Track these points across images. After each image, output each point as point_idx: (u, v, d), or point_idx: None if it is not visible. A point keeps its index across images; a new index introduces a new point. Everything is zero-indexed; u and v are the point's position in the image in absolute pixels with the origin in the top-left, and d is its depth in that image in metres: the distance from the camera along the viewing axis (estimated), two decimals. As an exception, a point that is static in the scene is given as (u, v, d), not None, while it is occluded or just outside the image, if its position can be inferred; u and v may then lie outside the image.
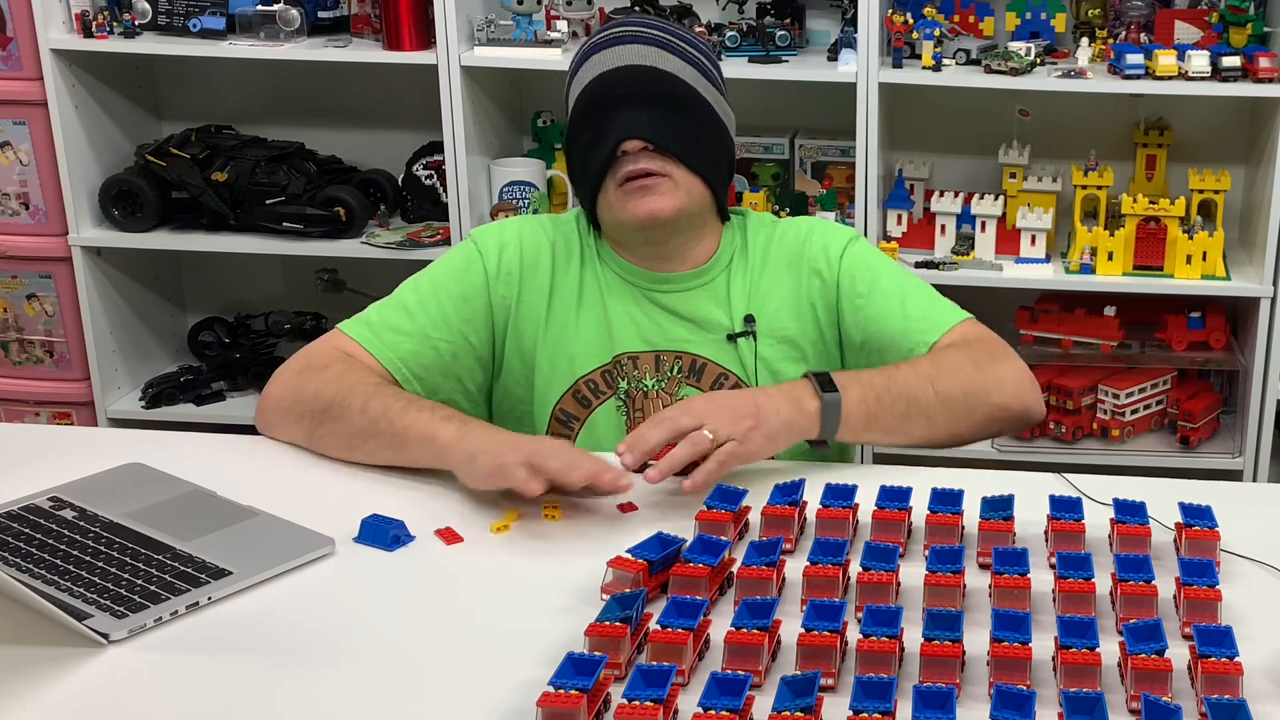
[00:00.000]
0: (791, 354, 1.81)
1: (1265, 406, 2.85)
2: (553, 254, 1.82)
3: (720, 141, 1.79)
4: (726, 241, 1.84)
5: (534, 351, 1.80)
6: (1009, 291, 2.94)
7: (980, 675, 1.22)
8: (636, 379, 1.80)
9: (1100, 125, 3.06)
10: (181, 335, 3.38)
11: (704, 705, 1.10)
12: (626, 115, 1.71)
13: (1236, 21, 2.81)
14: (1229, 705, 1.11)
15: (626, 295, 1.81)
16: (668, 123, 1.72)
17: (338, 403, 1.64)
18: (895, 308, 1.76)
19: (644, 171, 1.71)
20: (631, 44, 1.74)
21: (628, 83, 1.72)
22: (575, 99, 1.76)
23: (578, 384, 1.80)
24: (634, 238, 1.79)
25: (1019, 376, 1.70)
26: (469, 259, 1.80)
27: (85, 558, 1.39)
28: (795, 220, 1.89)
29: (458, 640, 1.29)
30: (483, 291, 1.79)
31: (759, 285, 1.82)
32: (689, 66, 1.76)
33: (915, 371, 1.66)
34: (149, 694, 1.20)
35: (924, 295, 1.80)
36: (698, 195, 1.76)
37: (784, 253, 1.83)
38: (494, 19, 2.88)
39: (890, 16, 2.82)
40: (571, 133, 1.77)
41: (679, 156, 1.73)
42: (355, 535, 1.47)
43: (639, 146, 1.71)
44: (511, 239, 1.82)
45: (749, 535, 1.49)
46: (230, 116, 3.24)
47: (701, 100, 1.76)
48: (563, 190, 3.07)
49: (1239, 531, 1.46)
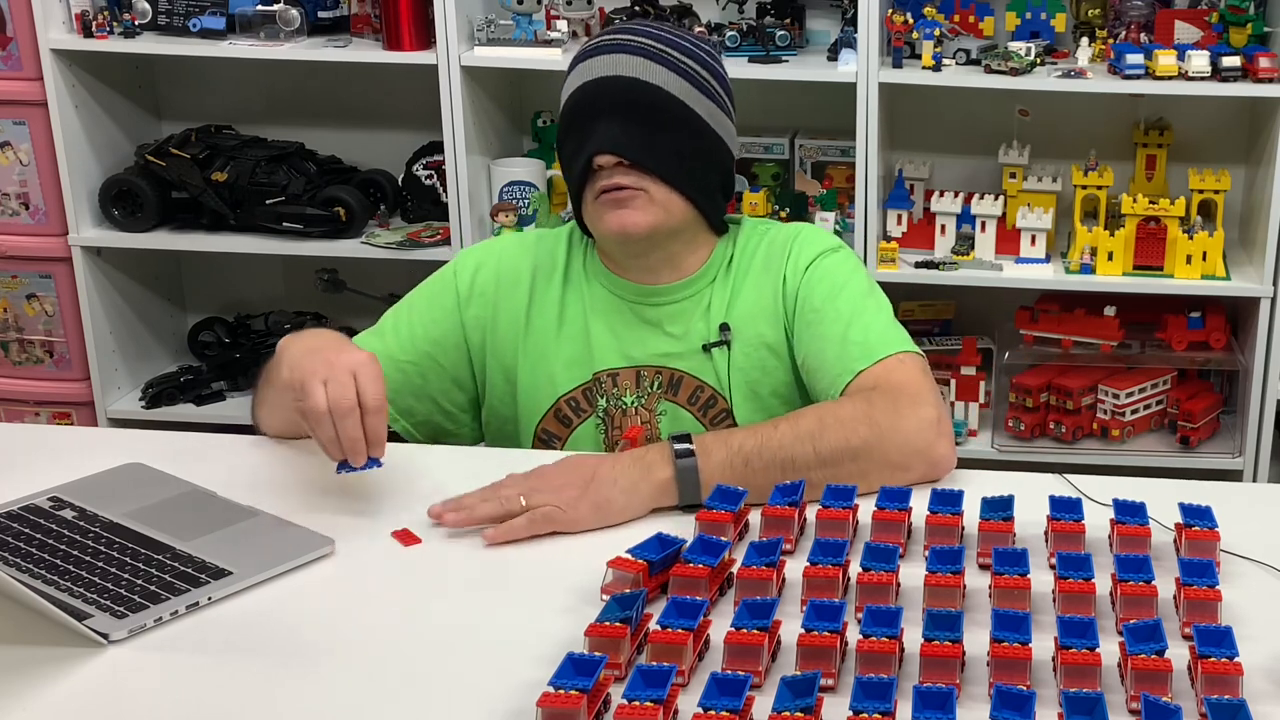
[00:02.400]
0: (770, 361, 1.77)
1: (1265, 406, 2.85)
2: (533, 273, 1.81)
3: (710, 155, 1.74)
4: (719, 253, 1.80)
5: (515, 368, 1.80)
6: (1009, 291, 2.94)
7: (980, 675, 1.22)
8: (615, 396, 1.78)
9: (1100, 125, 3.06)
10: (181, 335, 3.38)
11: (704, 705, 1.10)
12: (602, 128, 1.68)
13: (1236, 21, 2.81)
14: (1229, 705, 1.11)
15: (611, 311, 1.79)
16: (644, 137, 1.68)
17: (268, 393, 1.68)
18: (838, 331, 1.69)
19: (617, 185, 1.69)
20: (618, 54, 1.70)
21: (607, 94, 1.68)
22: (563, 106, 1.75)
23: (559, 403, 1.79)
24: (616, 249, 1.77)
25: (922, 428, 1.56)
26: (444, 282, 1.82)
27: (85, 558, 1.39)
28: (788, 226, 1.86)
29: (458, 640, 1.29)
30: (453, 313, 1.80)
31: (739, 292, 1.79)
32: (678, 78, 1.70)
33: (795, 429, 1.54)
34: (149, 694, 1.20)
35: (873, 322, 1.70)
36: (677, 211, 1.72)
37: (768, 257, 1.80)
38: (494, 19, 2.88)
39: (890, 16, 2.82)
40: (559, 139, 1.76)
41: (655, 172, 1.69)
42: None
43: (612, 161, 1.68)
44: (489, 260, 1.82)
45: (749, 535, 1.49)
46: (230, 116, 3.24)
47: (688, 113, 1.71)
48: (562, 190, 3.07)
49: (1239, 531, 1.46)
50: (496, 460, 1.69)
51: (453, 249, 2.96)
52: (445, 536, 1.49)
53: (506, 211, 2.94)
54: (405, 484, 1.60)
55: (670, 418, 1.78)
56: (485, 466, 1.67)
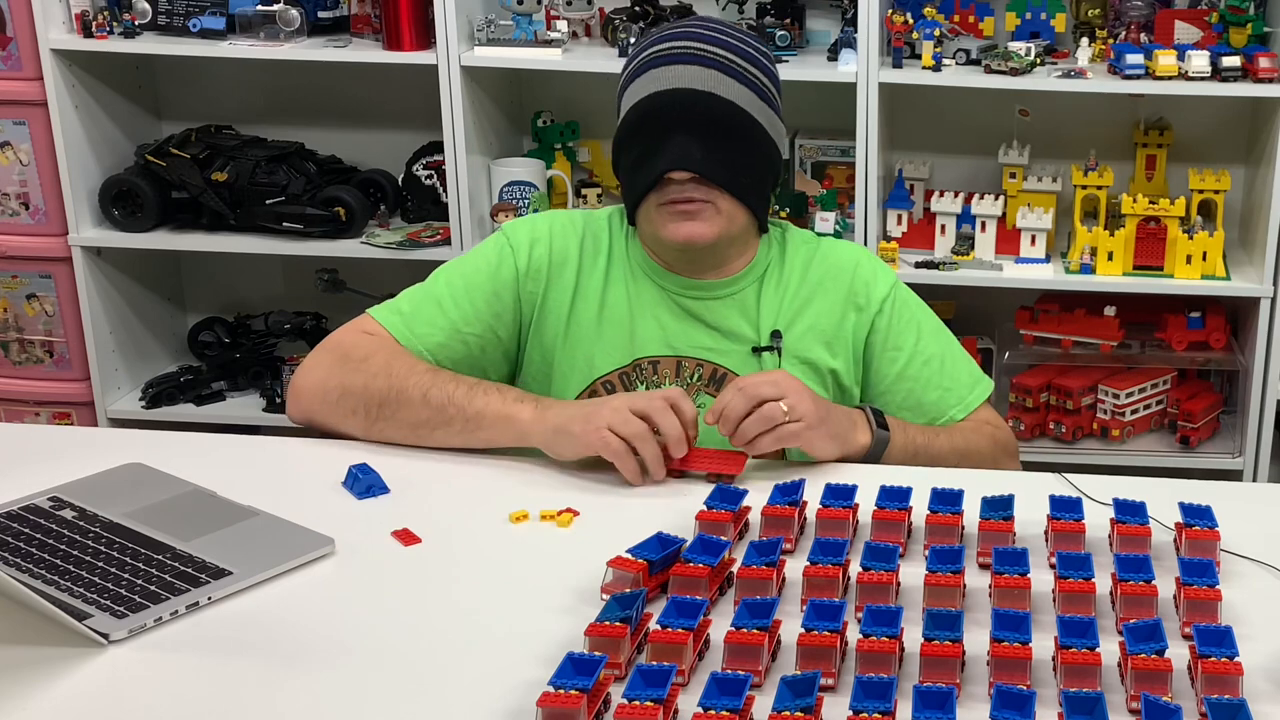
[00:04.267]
0: (811, 377, 1.80)
1: (1265, 406, 2.85)
2: (580, 253, 1.82)
3: (769, 163, 1.79)
4: (762, 253, 1.84)
5: (554, 349, 1.81)
6: (1009, 291, 2.94)
7: (980, 675, 1.22)
8: (655, 383, 1.79)
9: (1100, 125, 3.06)
10: (181, 335, 3.38)
11: (704, 705, 1.10)
12: (677, 142, 1.69)
13: (1236, 21, 2.81)
14: (1229, 705, 1.11)
15: (654, 298, 1.81)
16: (718, 153, 1.71)
17: (393, 395, 1.67)
18: (934, 375, 1.82)
19: (688, 198, 1.71)
20: (691, 65, 1.71)
21: (683, 107, 1.70)
22: (628, 108, 1.75)
23: (594, 384, 1.80)
24: (670, 252, 1.79)
25: (1015, 465, 1.86)
26: (501, 254, 1.81)
27: (85, 558, 1.39)
28: (839, 243, 1.89)
29: (458, 640, 1.29)
30: (513, 287, 1.80)
31: (792, 303, 1.82)
32: (747, 90, 1.73)
33: (951, 442, 1.77)
34: (149, 694, 1.20)
35: (955, 363, 1.85)
36: (739, 221, 1.76)
37: (824, 276, 1.83)
38: (494, 19, 2.88)
39: (890, 16, 2.82)
40: (621, 138, 1.76)
41: (725, 186, 1.72)
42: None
43: (687, 177, 1.71)
44: (543, 235, 1.82)
45: (749, 535, 1.49)
46: (230, 116, 3.24)
47: (756, 126, 1.74)
48: (563, 190, 3.07)
49: (1239, 531, 1.46)
50: (497, 460, 1.69)
51: (453, 249, 2.96)
52: (445, 536, 1.49)
53: (506, 212, 2.94)
54: (405, 484, 1.60)
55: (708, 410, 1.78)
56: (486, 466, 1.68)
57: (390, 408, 1.67)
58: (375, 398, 1.68)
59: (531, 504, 1.54)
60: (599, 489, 1.61)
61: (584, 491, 1.59)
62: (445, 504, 1.57)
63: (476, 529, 1.51)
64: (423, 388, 1.66)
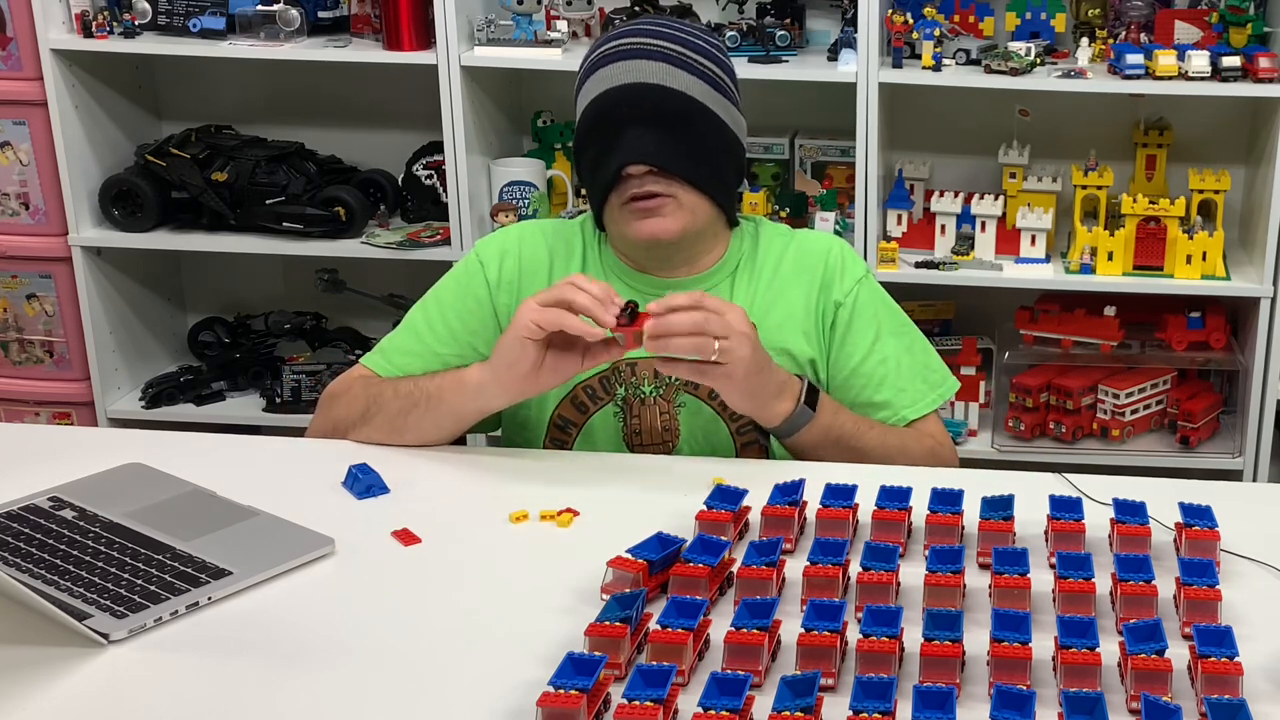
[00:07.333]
0: (791, 369, 1.78)
1: (1265, 406, 2.84)
2: (550, 260, 1.82)
3: (729, 154, 1.77)
4: (734, 248, 1.83)
5: None
6: (1009, 291, 2.93)
7: (980, 675, 1.22)
8: (634, 385, 1.79)
9: (1100, 125, 3.06)
10: (181, 335, 3.37)
11: (704, 705, 1.10)
12: (631, 137, 1.69)
13: (1236, 21, 2.81)
14: (1229, 705, 1.11)
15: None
16: (673, 144, 1.70)
17: (371, 404, 1.73)
18: (890, 374, 1.80)
19: (648, 193, 1.71)
20: (639, 59, 1.70)
21: (633, 102, 1.69)
22: (583, 109, 1.75)
23: (575, 390, 1.80)
24: (641, 252, 1.79)
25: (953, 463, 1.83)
26: (471, 271, 1.82)
27: (85, 558, 1.39)
28: (814, 234, 1.89)
29: (458, 640, 1.29)
30: (487, 302, 1.80)
31: (765, 295, 1.81)
32: (699, 81, 1.72)
33: (883, 440, 1.75)
34: (149, 694, 1.20)
35: (913, 365, 1.83)
36: (703, 213, 1.75)
37: (798, 266, 1.82)
38: (494, 19, 2.88)
39: (890, 16, 2.82)
40: (578, 141, 1.76)
41: (684, 177, 1.71)
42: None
43: (643, 170, 1.70)
44: (512, 247, 1.83)
45: (749, 535, 1.49)
46: (230, 116, 3.24)
47: (710, 116, 1.73)
48: (563, 190, 3.07)
49: (1239, 531, 1.46)
50: (497, 460, 1.70)
51: (453, 249, 2.96)
52: (445, 536, 1.49)
53: (506, 211, 2.94)
54: (405, 484, 1.60)
55: (690, 410, 1.78)
56: (486, 466, 1.68)
57: (370, 414, 1.73)
58: (357, 414, 1.74)
59: (531, 504, 1.55)
60: (599, 489, 1.61)
61: (584, 491, 1.59)
62: (445, 504, 1.57)
63: (476, 529, 1.51)
64: (392, 386, 1.74)
